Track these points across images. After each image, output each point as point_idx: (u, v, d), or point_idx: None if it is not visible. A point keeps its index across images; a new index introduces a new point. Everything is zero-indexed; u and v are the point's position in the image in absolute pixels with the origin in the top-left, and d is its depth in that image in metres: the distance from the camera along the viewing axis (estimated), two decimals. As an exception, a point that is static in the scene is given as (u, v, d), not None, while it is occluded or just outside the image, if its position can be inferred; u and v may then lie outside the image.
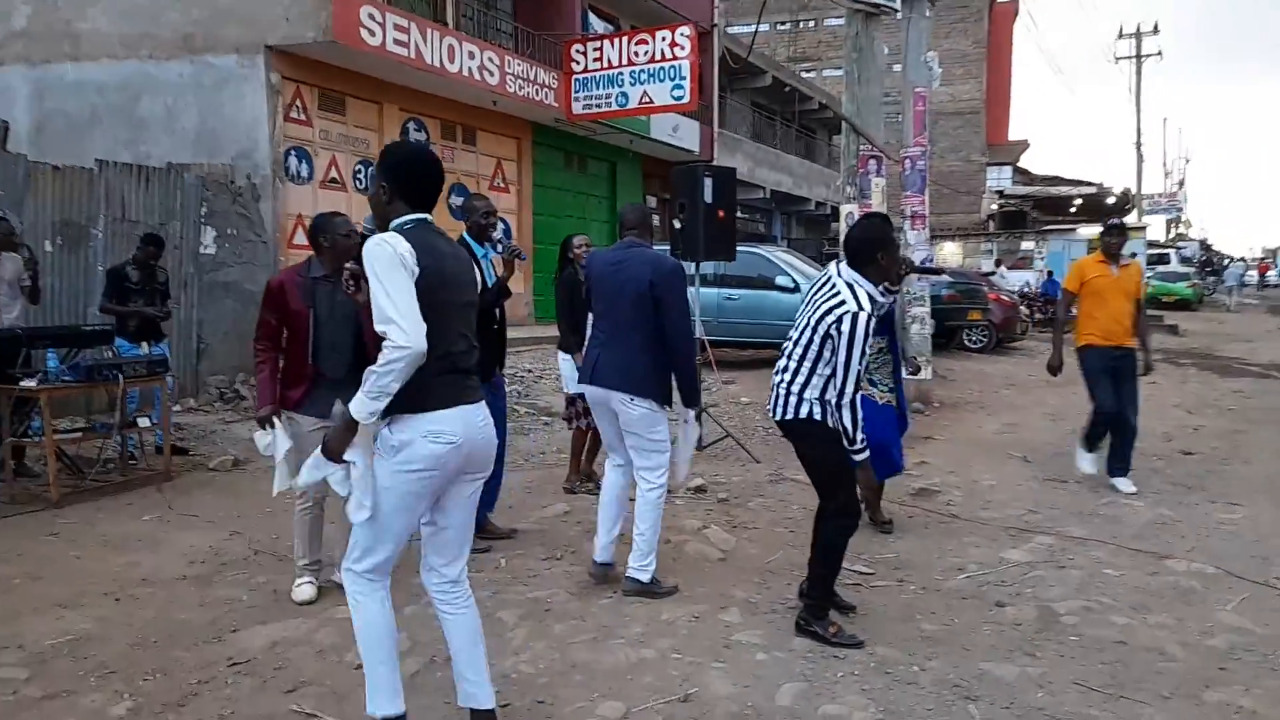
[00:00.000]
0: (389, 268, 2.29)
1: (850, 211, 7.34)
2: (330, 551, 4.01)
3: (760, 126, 25.05)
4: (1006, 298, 15.05)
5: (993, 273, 19.85)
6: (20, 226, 8.19)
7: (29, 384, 5.40)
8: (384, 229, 2.45)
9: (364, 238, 3.09)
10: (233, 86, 11.27)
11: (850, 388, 3.28)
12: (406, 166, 2.52)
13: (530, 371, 10.14)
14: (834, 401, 3.32)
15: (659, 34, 13.77)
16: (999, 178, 39.57)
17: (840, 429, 3.33)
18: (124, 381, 5.64)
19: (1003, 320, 14.54)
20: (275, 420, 3.67)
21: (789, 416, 3.41)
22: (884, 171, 7.55)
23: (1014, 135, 46.49)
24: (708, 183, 6.62)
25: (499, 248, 4.43)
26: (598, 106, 14.28)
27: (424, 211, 2.49)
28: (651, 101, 13.85)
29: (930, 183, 8.73)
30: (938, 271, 4.06)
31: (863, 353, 3.26)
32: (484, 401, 2.56)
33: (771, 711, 2.91)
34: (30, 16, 11.95)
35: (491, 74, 13.17)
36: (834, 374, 3.29)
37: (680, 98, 13.63)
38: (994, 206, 35.19)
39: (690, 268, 7.29)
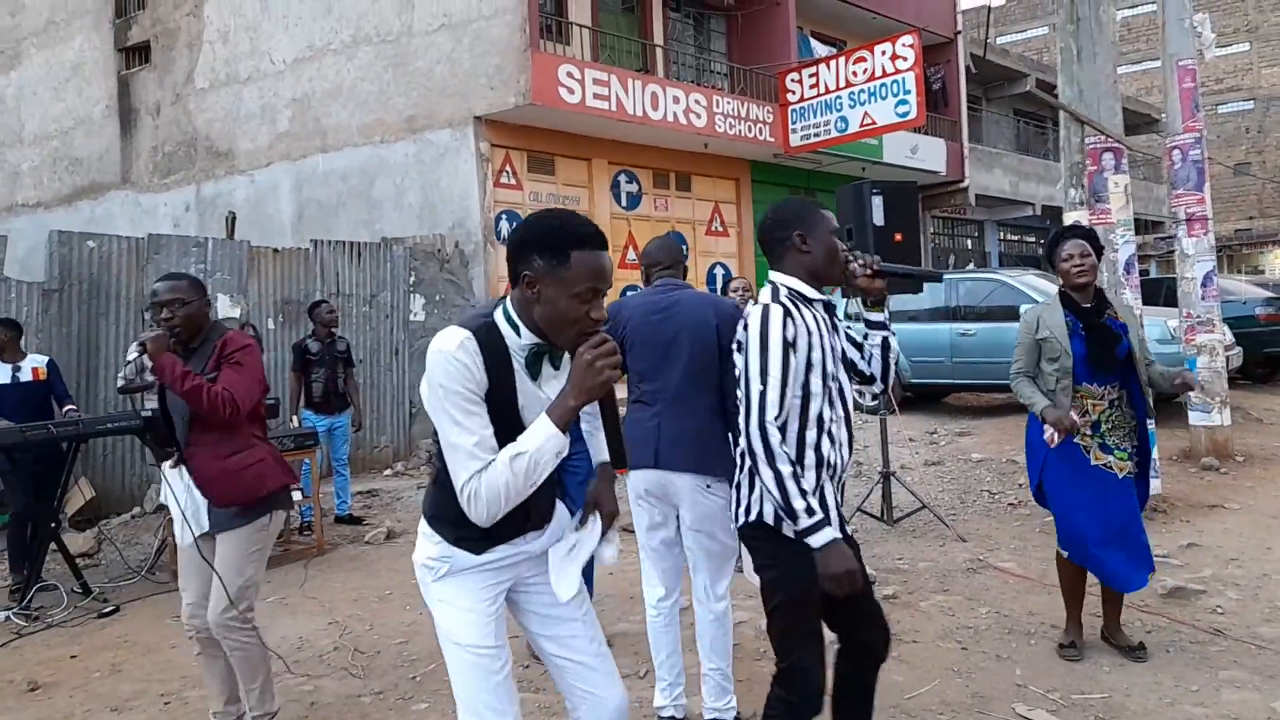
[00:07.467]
0: None
1: (1076, 221, 5.82)
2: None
3: (1027, 137, 22.45)
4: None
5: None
6: (246, 307, 8.94)
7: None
8: None
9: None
10: (448, 160, 11.78)
11: (756, 428, 2.08)
12: None
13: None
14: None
15: (878, 48, 12.58)
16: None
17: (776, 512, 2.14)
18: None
19: (1354, 340, 11.37)
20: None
21: (737, 523, 2.31)
22: (1124, 167, 5.93)
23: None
24: (876, 202, 5.51)
25: None
26: (816, 135, 13.33)
27: None
28: (874, 123, 12.64)
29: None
30: (909, 276, 2.72)
31: (784, 366, 2.09)
32: None
33: None
34: (290, 119, 13.37)
35: (699, 116, 12.72)
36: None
37: (906, 114, 12.30)
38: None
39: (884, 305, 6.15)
